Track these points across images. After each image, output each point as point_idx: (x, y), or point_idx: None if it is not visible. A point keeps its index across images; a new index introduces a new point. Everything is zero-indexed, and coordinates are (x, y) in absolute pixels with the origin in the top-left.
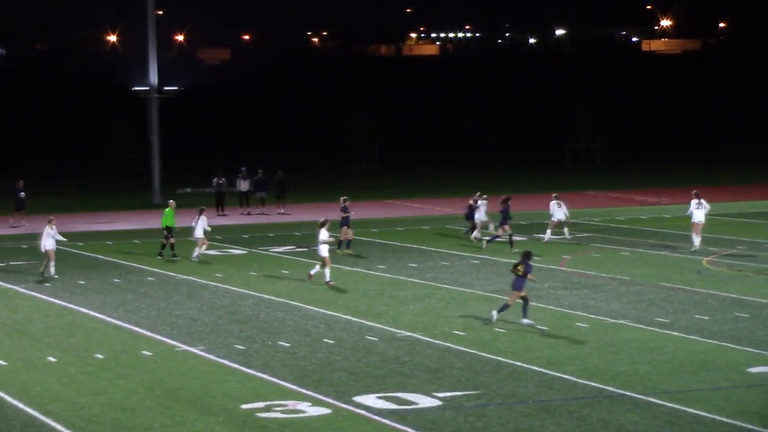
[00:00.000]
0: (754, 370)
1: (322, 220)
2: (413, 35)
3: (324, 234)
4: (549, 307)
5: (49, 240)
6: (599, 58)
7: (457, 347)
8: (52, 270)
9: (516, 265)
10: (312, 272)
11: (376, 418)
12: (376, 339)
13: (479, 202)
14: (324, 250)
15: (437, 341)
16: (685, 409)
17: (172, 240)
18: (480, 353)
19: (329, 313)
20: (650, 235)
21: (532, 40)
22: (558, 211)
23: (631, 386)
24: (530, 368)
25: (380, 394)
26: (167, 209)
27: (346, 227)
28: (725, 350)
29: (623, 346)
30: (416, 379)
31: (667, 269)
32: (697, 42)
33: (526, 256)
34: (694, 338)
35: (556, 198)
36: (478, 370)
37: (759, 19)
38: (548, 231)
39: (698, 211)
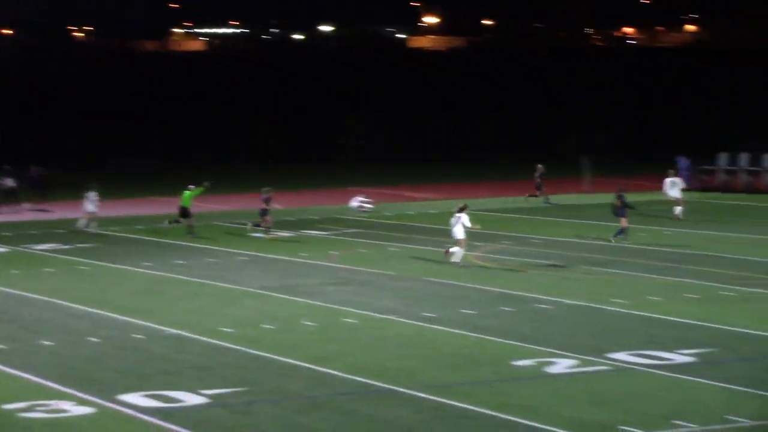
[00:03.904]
0: (518, 363)
1: (461, 205)
2: (179, 31)
3: (465, 218)
4: (317, 303)
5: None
6: (366, 54)
7: (225, 344)
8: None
9: None
10: (451, 249)
11: (142, 416)
12: (142, 337)
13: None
14: (460, 233)
15: (205, 338)
16: (451, 402)
17: (189, 220)
18: (248, 350)
19: (95, 311)
20: (417, 230)
21: (299, 37)
22: (673, 189)
23: (398, 381)
24: (298, 364)
25: (146, 392)
26: (186, 191)
27: (268, 216)
28: (491, 344)
29: (390, 341)
30: (183, 376)
31: (434, 264)
32: (463, 39)
33: None
34: (461, 332)
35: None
36: (246, 366)
37: (524, 18)
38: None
39: (674, 188)
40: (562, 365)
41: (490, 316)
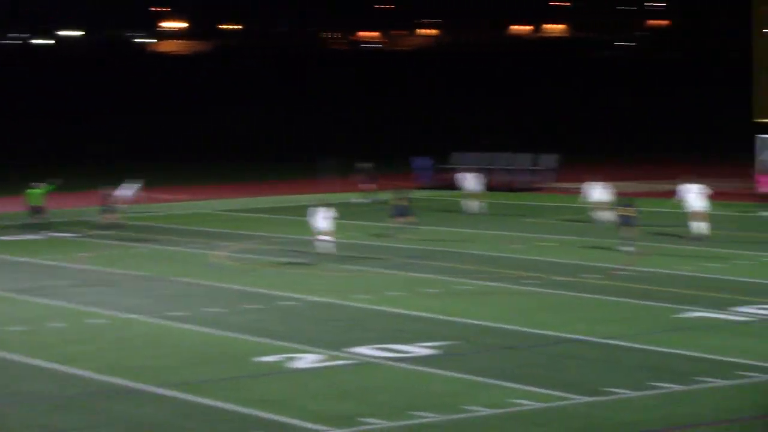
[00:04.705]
0: (263, 359)
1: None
2: None
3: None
4: (64, 304)
5: None
6: (114, 59)
7: None
8: None
9: None
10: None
11: None
12: None
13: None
14: (324, 224)
15: None
16: (196, 399)
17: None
18: None
19: None
20: (164, 231)
21: (40, 41)
22: (597, 192)
23: (145, 379)
24: (46, 365)
25: None
26: (33, 190)
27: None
28: (234, 341)
29: (137, 340)
30: None
31: (179, 264)
32: (208, 43)
33: None
34: (206, 330)
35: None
36: None
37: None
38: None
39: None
40: (306, 360)
41: (235, 314)
